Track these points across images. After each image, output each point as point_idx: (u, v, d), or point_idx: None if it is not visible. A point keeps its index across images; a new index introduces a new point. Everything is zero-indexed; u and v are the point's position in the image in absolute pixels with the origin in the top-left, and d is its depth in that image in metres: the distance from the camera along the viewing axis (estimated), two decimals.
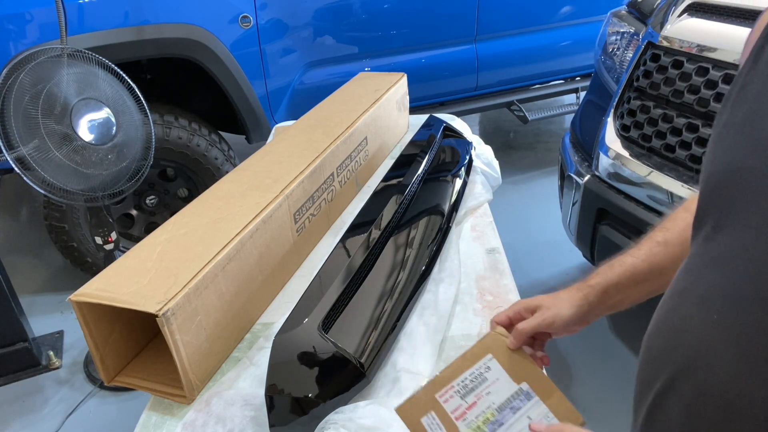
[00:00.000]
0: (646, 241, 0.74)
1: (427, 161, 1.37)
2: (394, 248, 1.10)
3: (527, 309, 0.75)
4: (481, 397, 0.69)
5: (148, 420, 0.87)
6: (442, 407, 0.67)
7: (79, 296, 0.84)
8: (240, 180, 1.15)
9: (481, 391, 0.69)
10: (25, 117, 1.46)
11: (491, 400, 0.68)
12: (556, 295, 0.75)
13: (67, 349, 2.10)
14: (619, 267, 0.73)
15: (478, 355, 0.72)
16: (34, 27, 1.91)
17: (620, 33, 1.86)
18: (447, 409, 0.67)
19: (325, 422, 0.77)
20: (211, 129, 2.33)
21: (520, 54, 2.92)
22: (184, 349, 0.84)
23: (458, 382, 0.70)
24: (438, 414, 0.67)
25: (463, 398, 0.68)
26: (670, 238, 0.71)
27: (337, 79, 2.24)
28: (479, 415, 0.67)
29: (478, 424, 0.66)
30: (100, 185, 1.62)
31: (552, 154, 3.42)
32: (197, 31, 2.12)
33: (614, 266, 0.73)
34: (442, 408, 0.67)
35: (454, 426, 0.66)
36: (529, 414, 0.67)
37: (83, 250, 2.23)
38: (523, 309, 0.76)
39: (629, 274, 0.72)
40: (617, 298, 0.73)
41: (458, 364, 0.71)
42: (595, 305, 0.73)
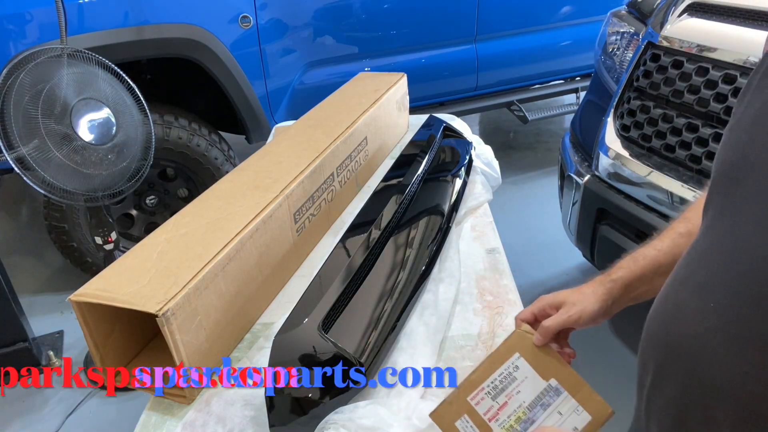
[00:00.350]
0: (669, 232, 0.74)
1: (427, 161, 1.37)
2: (394, 248, 1.10)
3: (552, 305, 0.75)
4: (511, 396, 0.69)
5: (148, 420, 0.87)
6: (475, 410, 0.69)
7: (79, 296, 0.84)
8: (240, 180, 1.15)
9: (511, 391, 0.70)
10: (25, 117, 1.46)
11: (522, 399, 0.69)
12: (579, 290, 0.75)
13: (67, 349, 2.10)
14: (643, 260, 0.73)
15: (505, 355, 0.72)
16: (34, 27, 1.91)
17: (620, 33, 1.86)
18: (479, 411, 0.68)
19: (325, 422, 0.77)
20: (211, 129, 2.33)
21: (520, 54, 2.92)
22: (184, 349, 0.84)
23: (488, 383, 0.70)
24: (471, 417, 0.68)
25: (494, 399, 0.69)
26: (692, 229, 0.71)
27: (337, 79, 2.24)
28: (511, 414, 0.68)
29: (511, 423, 0.68)
30: (100, 185, 1.62)
31: (552, 154, 3.43)
32: (197, 31, 2.12)
33: (638, 260, 0.73)
34: (474, 410, 0.69)
35: (488, 427, 0.67)
36: (559, 409, 0.68)
37: (83, 250, 2.23)
38: (548, 305, 0.75)
39: (653, 266, 0.72)
40: (641, 290, 0.73)
41: (487, 365, 0.72)
42: (618, 298, 0.73)
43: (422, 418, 0.79)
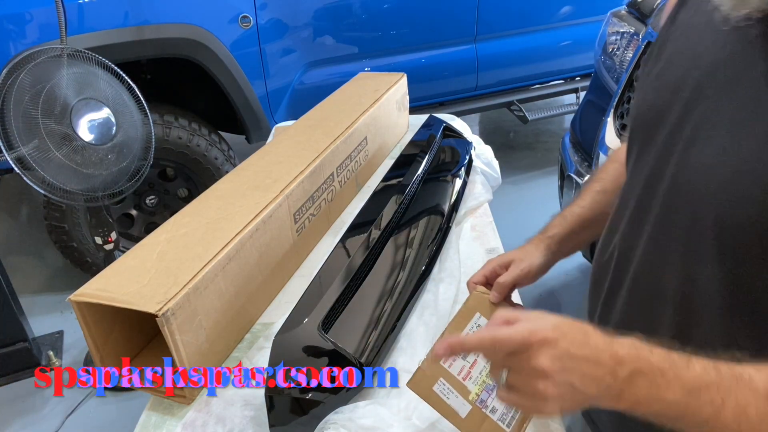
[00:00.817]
0: (587, 192, 0.83)
1: (427, 161, 1.37)
2: (393, 248, 1.10)
3: (501, 265, 0.81)
4: (479, 354, 0.71)
5: (148, 420, 0.87)
6: (449, 372, 0.70)
7: (79, 296, 0.84)
8: (240, 180, 1.15)
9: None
10: (25, 117, 1.46)
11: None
12: (523, 249, 0.82)
13: (67, 349, 2.10)
14: (571, 217, 0.82)
15: (467, 317, 0.76)
16: (34, 27, 1.91)
17: (620, 33, 1.86)
18: (453, 373, 0.70)
19: (325, 422, 0.77)
20: (211, 129, 2.33)
21: (520, 54, 2.92)
22: (184, 349, 0.84)
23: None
24: (447, 379, 0.69)
25: (465, 359, 0.71)
26: (607, 187, 0.81)
27: (337, 79, 2.24)
28: (482, 370, 0.71)
29: (483, 379, 0.70)
30: (100, 185, 1.62)
31: (552, 154, 3.42)
32: (197, 31, 2.12)
33: (566, 217, 0.82)
34: (448, 373, 0.70)
35: (463, 386, 0.69)
36: None
37: (83, 250, 2.23)
38: (497, 266, 0.81)
39: (580, 221, 0.81)
40: (572, 243, 0.82)
41: (452, 329, 0.74)
42: (556, 251, 0.81)
43: (422, 418, 0.79)
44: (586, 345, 0.48)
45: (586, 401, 0.49)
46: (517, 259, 0.80)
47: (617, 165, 0.82)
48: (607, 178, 0.82)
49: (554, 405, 0.48)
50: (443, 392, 0.69)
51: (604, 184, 0.82)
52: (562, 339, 0.48)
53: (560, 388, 0.47)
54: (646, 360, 0.48)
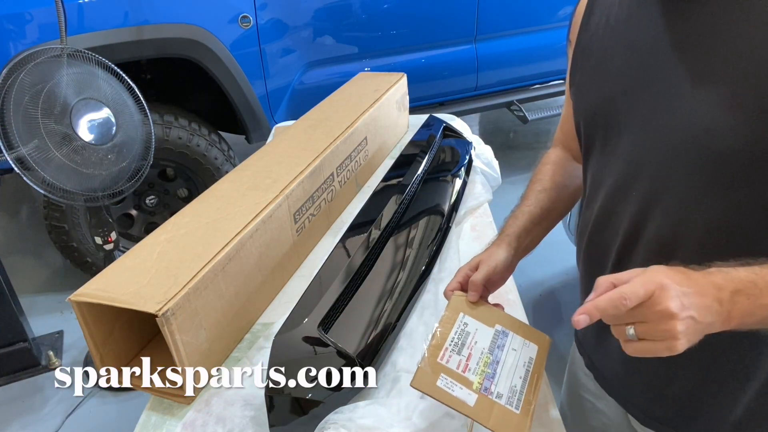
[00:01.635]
0: (530, 192, 0.92)
1: (426, 161, 1.37)
2: (394, 248, 1.10)
3: (471, 268, 0.86)
4: (472, 347, 0.77)
5: (148, 420, 0.87)
6: (448, 367, 0.74)
7: (79, 296, 0.84)
8: (240, 180, 1.15)
9: (470, 343, 0.78)
10: (25, 117, 1.46)
11: (481, 347, 0.77)
12: (487, 250, 0.88)
13: (67, 349, 2.10)
14: (522, 216, 0.89)
15: (452, 318, 0.81)
16: (33, 27, 1.91)
17: None
18: (452, 367, 0.74)
19: (325, 422, 0.77)
20: (211, 129, 2.33)
21: (520, 54, 2.92)
22: (183, 349, 0.84)
23: (449, 343, 0.77)
24: (447, 374, 0.73)
25: (459, 353, 0.76)
26: (546, 186, 0.91)
27: (337, 79, 2.24)
28: (478, 361, 0.76)
29: (481, 368, 0.75)
30: (100, 185, 1.62)
31: None
32: (197, 31, 2.12)
33: (518, 216, 0.90)
34: (448, 368, 0.74)
35: (465, 378, 0.73)
36: (512, 347, 0.79)
37: (83, 250, 2.23)
38: (468, 270, 0.86)
39: (530, 218, 0.88)
40: (528, 239, 0.88)
41: (441, 331, 0.79)
42: (516, 248, 0.87)
43: (422, 417, 0.79)
44: (692, 281, 0.54)
45: (705, 330, 0.54)
46: (484, 259, 0.86)
47: (550, 166, 0.93)
48: (545, 178, 0.92)
49: (684, 340, 0.53)
50: (447, 386, 0.72)
51: (543, 184, 0.91)
52: (673, 282, 0.53)
53: (686, 323, 0.52)
54: (738, 279, 0.54)
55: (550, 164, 0.94)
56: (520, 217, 0.90)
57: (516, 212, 0.91)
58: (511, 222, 0.90)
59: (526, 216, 0.89)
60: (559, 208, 0.92)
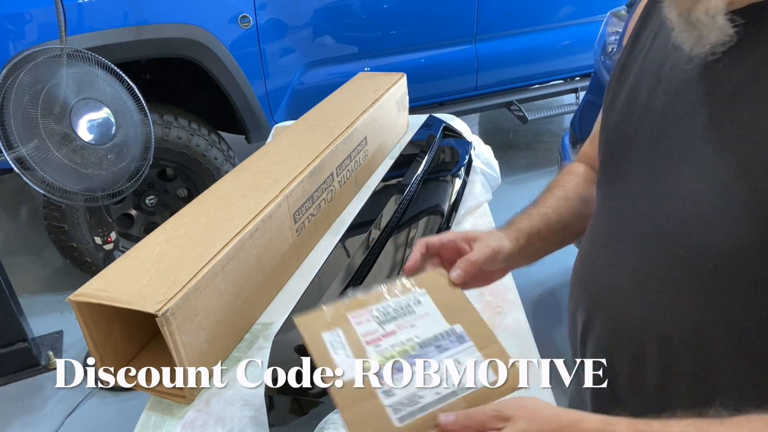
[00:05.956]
0: (550, 195, 0.79)
1: (426, 161, 1.37)
2: (393, 248, 1.10)
3: (464, 239, 0.69)
4: (403, 328, 0.60)
5: (148, 420, 0.87)
6: (353, 328, 0.59)
7: (79, 296, 0.84)
8: (239, 180, 1.15)
9: (404, 323, 0.61)
10: (25, 117, 1.46)
11: (415, 333, 0.60)
12: (489, 232, 0.72)
13: (67, 349, 2.10)
14: (537, 216, 0.75)
15: (408, 288, 0.65)
16: (33, 27, 1.91)
17: (620, 33, 1.86)
18: (358, 331, 0.59)
19: (324, 422, 0.77)
20: (210, 129, 2.33)
21: (519, 54, 2.92)
22: (183, 349, 0.84)
23: (379, 308, 0.62)
24: (345, 333, 0.59)
25: (381, 325, 0.60)
26: (569, 195, 0.78)
27: (337, 79, 2.24)
28: (396, 344, 0.58)
29: (393, 353, 0.57)
30: (100, 185, 1.62)
31: (552, 154, 3.42)
32: (197, 31, 2.12)
33: (533, 215, 0.76)
34: (352, 328, 0.59)
35: (362, 349, 0.57)
36: (458, 358, 0.58)
37: (83, 250, 2.22)
38: (460, 239, 0.69)
39: (545, 222, 0.75)
40: (538, 245, 0.74)
41: (381, 293, 0.64)
42: (523, 247, 0.72)
43: None
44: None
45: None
46: (484, 237, 0.70)
47: (574, 177, 0.81)
48: (569, 186, 0.79)
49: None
50: (333, 343, 0.57)
51: (566, 191, 0.78)
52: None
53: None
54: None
55: (575, 175, 0.81)
56: (536, 216, 0.75)
57: (531, 209, 0.77)
58: (525, 218, 0.75)
59: (541, 217, 0.75)
60: (577, 226, 0.77)
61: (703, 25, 0.47)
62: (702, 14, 0.47)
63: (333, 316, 0.60)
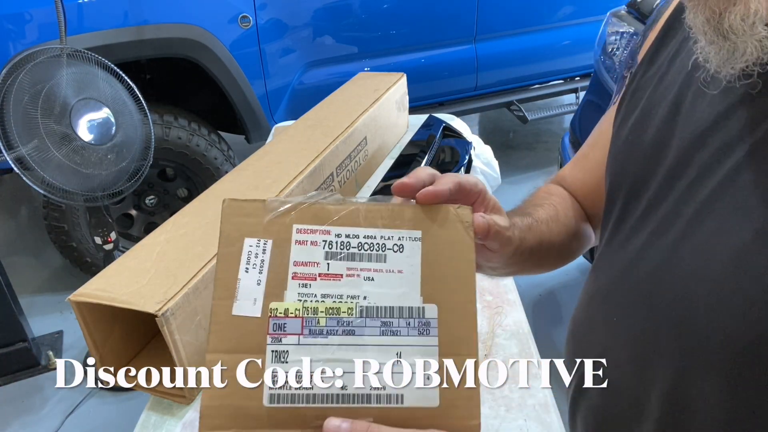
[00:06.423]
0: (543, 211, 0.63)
1: (426, 161, 1.37)
2: None
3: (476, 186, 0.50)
4: (354, 275, 0.41)
5: (148, 420, 0.87)
6: (289, 246, 0.42)
7: (79, 296, 0.84)
8: (239, 180, 1.15)
9: (360, 269, 0.42)
10: (25, 117, 1.46)
11: (364, 292, 0.41)
12: None
13: (67, 349, 2.10)
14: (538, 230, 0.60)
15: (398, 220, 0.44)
16: (33, 27, 1.91)
17: (620, 33, 1.86)
18: (292, 254, 0.41)
19: None
20: (210, 129, 2.33)
21: (519, 54, 2.92)
22: (183, 349, 0.84)
23: (341, 233, 0.42)
24: (275, 249, 0.41)
25: (328, 258, 0.42)
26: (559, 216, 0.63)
27: (337, 79, 2.24)
28: (328, 296, 0.41)
29: (315, 306, 0.40)
30: (100, 185, 1.62)
31: (552, 154, 3.43)
32: (197, 31, 2.12)
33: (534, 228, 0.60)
34: (287, 246, 0.42)
35: (281, 282, 0.41)
36: (407, 358, 0.40)
37: (83, 250, 2.22)
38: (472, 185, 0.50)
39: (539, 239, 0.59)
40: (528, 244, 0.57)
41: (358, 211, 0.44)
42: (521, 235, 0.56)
43: None
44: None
45: None
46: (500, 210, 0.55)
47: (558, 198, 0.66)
48: (560, 208, 0.65)
49: None
50: (250, 254, 0.41)
51: (557, 210, 0.64)
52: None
53: None
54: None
55: (558, 197, 0.67)
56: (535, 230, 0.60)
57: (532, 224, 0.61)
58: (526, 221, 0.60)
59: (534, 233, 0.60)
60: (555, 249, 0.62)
61: (737, 37, 0.36)
62: (737, 21, 0.35)
63: (273, 219, 0.42)
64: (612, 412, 0.50)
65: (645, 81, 0.54)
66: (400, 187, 0.46)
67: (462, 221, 0.44)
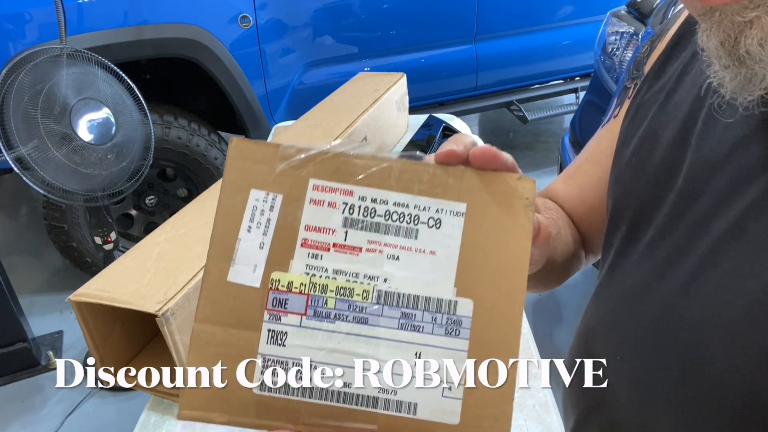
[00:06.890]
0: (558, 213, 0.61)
1: None
2: None
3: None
4: (375, 252, 0.34)
5: (148, 420, 0.87)
6: (302, 205, 0.35)
7: (79, 296, 0.84)
8: None
9: (383, 244, 0.34)
10: (25, 117, 1.46)
11: (385, 273, 0.34)
12: None
13: (67, 349, 2.10)
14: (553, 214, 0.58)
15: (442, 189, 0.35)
16: (33, 27, 1.91)
17: (620, 33, 1.86)
18: (304, 215, 0.35)
19: None
20: (210, 129, 2.33)
21: (519, 54, 2.92)
22: (183, 349, 0.84)
23: (366, 193, 0.35)
24: (285, 206, 0.35)
25: (346, 225, 0.34)
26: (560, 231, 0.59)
27: (337, 79, 2.24)
28: (342, 273, 0.34)
29: (325, 284, 0.34)
30: (100, 185, 1.62)
31: (552, 154, 3.43)
32: (196, 31, 2.12)
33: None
34: (300, 205, 0.35)
35: (288, 248, 0.34)
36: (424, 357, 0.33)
37: (83, 250, 2.22)
38: None
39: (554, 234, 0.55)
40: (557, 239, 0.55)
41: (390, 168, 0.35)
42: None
43: None
44: None
45: None
46: None
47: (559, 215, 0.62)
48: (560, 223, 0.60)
49: None
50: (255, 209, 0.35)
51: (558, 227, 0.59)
52: None
53: None
54: None
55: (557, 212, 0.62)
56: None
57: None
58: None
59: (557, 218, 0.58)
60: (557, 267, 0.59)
61: (755, 63, 0.32)
62: (754, 46, 0.32)
63: (286, 170, 0.35)
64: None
65: (650, 97, 0.50)
66: (446, 156, 0.35)
67: (522, 197, 0.35)
